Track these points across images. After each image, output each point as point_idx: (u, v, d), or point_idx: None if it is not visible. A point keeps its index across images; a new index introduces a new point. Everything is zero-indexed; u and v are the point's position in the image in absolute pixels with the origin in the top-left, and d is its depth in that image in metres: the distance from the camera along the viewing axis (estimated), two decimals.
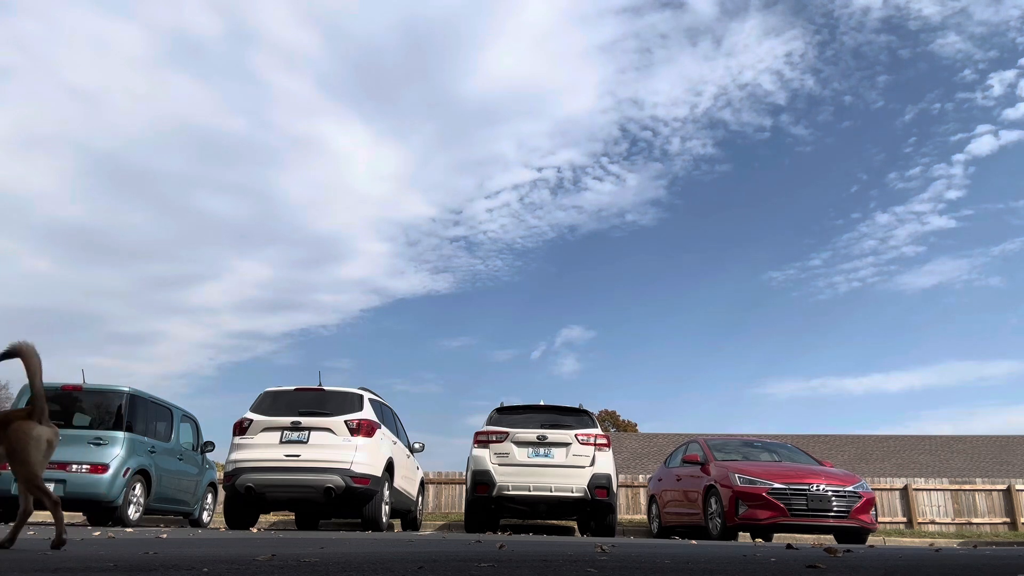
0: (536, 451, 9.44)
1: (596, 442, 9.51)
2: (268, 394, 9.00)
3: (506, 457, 9.42)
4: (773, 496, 8.76)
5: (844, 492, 8.88)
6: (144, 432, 9.45)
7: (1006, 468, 23.97)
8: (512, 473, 9.30)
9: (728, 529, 9.02)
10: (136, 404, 9.36)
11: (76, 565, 2.20)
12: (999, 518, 15.97)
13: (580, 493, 9.22)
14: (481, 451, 9.55)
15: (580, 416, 10.05)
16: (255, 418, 8.63)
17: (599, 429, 9.87)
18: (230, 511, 8.82)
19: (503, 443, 9.51)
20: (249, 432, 8.54)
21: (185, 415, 10.86)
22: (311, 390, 9.00)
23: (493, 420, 9.95)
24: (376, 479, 8.49)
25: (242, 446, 8.46)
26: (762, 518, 8.77)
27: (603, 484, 9.28)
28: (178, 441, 10.46)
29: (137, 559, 2.50)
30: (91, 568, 2.08)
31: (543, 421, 9.78)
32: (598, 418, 11.10)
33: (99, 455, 8.57)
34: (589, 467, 9.33)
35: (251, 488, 8.27)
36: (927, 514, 15.96)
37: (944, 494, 16.19)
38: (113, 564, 2.22)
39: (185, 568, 2.08)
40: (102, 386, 9.21)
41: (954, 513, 16.01)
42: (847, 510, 8.78)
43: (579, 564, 2.53)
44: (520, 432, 9.53)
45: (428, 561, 2.52)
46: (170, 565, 2.20)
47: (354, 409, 8.72)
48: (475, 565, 2.37)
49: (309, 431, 8.41)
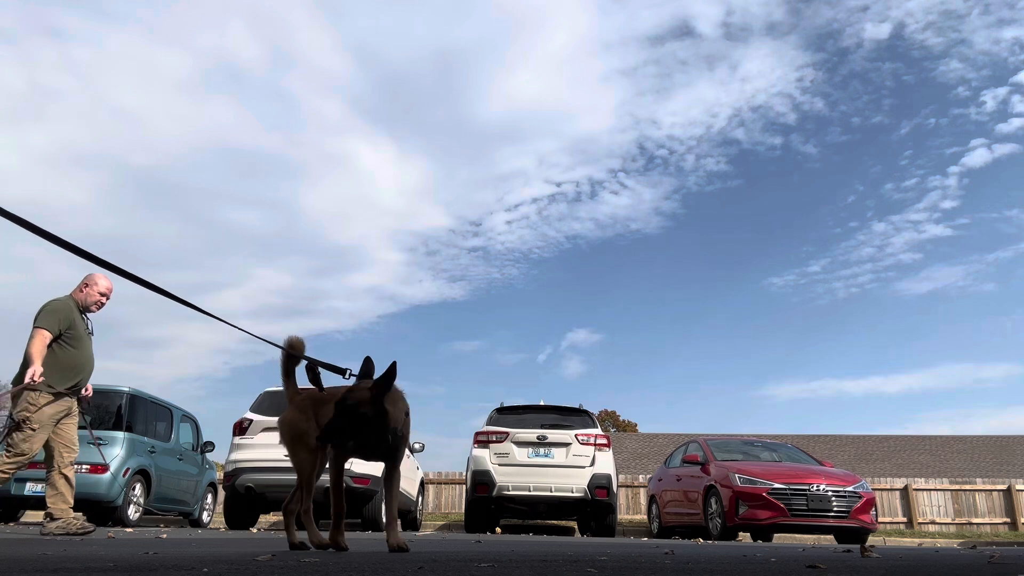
0: (536, 451, 9.44)
1: (596, 442, 9.50)
2: (268, 394, 8.99)
3: (506, 457, 9.41)
4: (773, 496, 8.75)
5: (844, 492, 8.87)
6: (144, 432, 9.44)
7: (1006, 468, 23.96)
8: (512, 473, 9.29)
9: (728, 529, 9.02)
10: (136, 404, 9.35)
11: (76, 565, 2.19)
12: (999, 518, 15.97)
13: (580, 493, 9.22)
14: (481, 451, 9.54)
15: (580, 416, 10.04)
16: (255, 418, 8.62)
17: (599, 429, 9.86)
18: (230, 511, 8.81)
19: (503, 443, 9.50)
20: (249, 432, 8.53)
21: (185, 415, 10.85)
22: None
23: (493, 420, 9.94)
24: (376, 479, 8.47)
25: (242, 446, 8.45)
26: (762, 518, 8.77)
27: (603, 484, 9.28)
28: (178, 441, 10.45)
29: (137, 559, 2.50)
30: (91, 568, 2.08)
31: (543, 421, 9.78)
32: (598, 418, 11.10)
33: (99, 455, 8.57)
34: (589, 467, 9.32)
35: (251, 488, 8.27)
36: (927, 514, 15.96)
37: (944, 494, 16.19)
38: (113, 564, 2.22)
39: (185, 568, 2.08)
40: (102, 386, 9.21)
41: (954, 513, 16.01)
42: (847, 510, 8.78)
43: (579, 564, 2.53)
44: (520, 432, 9.52)
45: (428, 561, 2.52)
46: (170, 565, 2.20)
47: None
48: (475, 565, 2.37)
49: None
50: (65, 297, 5.46)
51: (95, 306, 5.52)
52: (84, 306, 5.49)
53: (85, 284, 5.52)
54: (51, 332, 5.18)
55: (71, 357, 5.29)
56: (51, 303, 5.32)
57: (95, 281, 5.49)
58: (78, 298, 5.49)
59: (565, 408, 10.15)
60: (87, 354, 5.44)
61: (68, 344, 5.29)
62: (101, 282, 5.49)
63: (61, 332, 5.25)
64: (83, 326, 5.44)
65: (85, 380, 5.46)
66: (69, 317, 5.31)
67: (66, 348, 5.28)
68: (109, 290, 5.54)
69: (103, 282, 5.50)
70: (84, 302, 5.48)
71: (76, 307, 5.43)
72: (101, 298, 5.52)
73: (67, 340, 5.28)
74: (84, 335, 5.42)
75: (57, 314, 5.25)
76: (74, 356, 5.31)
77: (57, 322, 5.23)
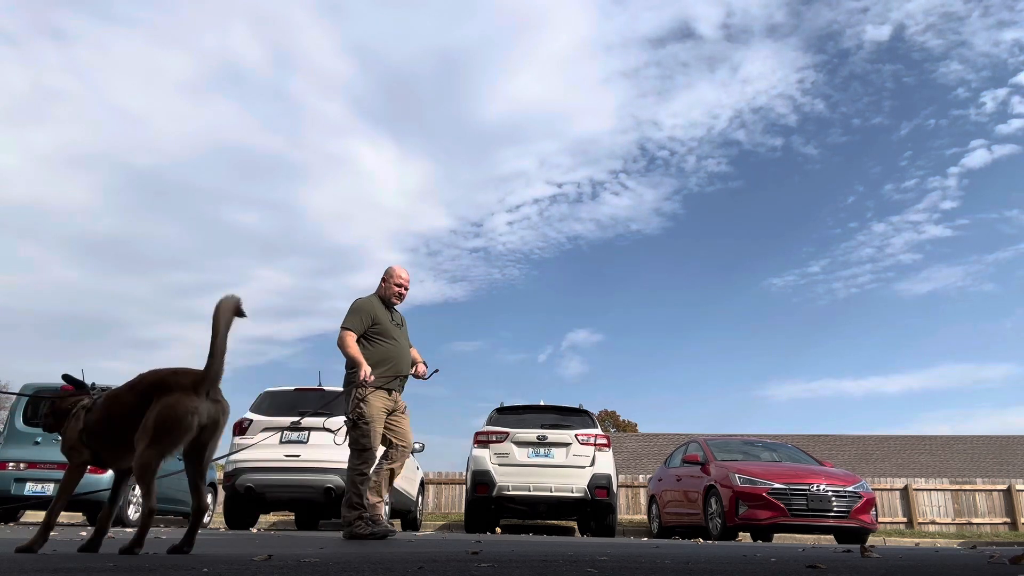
0: (536, 451, 9.43)
1: (596, 442, 9.50)
2: (267, 394, 8.99)
3: (506, 457, 9.41)
4: (773, 496, 8.75)
5: (844, 492, 8.87)
6: None
7: (1006, 468, 23.96)
8: (512, 473, 9.29)
9: (728, 529, 9.02)
10: None
11: (76, 565, 2.19)
12: (999, 518, 15.97)
13: (580, 493, 9.22)
14: (481, 451, 9.54)
15: (580, 416, 10.04)
16: (255, 418, 8.62)
17: (599, 429, 9.86)
18: (230, 511, 8.81)
19: (503, 443, 9.50)
20: (249, 432, 8.53)
21: None
22: (311, 390, 8.99)
23: (493, 420, 9.94)
24: None
25: (242, 446, 8.46)
26: (762, 518, 8.76)
27: (603, 484, 9.28)
28: None
29: (137, 559, 2.50)
30: (91, 568, 2.08)
31: (543, 421, 9.77)
32: (598, 418, 11.10)
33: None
34: (589, 467, 9.32)
35: (251, 488, 8.27)
36: (927, 514, 15.95)
37: (944, 494, 16.19)
38: (113, 564, 2.22)
39: (185, 568, 2.08)
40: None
41: (954, 513, 16.00)
42: (847, 510, 8.78)
43: (579, 564, 2.53)
44: (520, 432, 9.52)
45: (428, 561, 2.52)
46: (170, 565, 2.20)
47: None
48: (475, 565, 2.37)
49: (309, 431, 8.40)
50: (369, 295, 5.62)
51: (395, 297, 5.63)
52: (386, 299, 5.62)
53: (384, 278, 5.67)
54: (355, 331, 5.33)
55: (380, 351, 5.39)
56: (354, 303, 5.49)
57: (391, 274, 5.63)
58: (381, 293, 5.65)
59: (565, 408, 10.15)
60: (396, 345, 5.50)
61: (376, 338, 5.41)
62: (397, 274, 5.63)
63: (366, 329, 5.38)
64: (387, 318, 5.53)
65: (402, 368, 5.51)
66: (371, 313, 5.42)
67: (375, 342, 5.40)
68: (406, 280, 5.66)
69: (399, 273, 5.63)
70: (385, 295, 5.62)
71: (379, 302, 5.57)
72: (399, 289, 5.63)
73: (374, 335, 5.41)
74: (390, 327, 5.51)
75: (359, 312, 5.40)
76: (383, 350, 5.40)
77: (360, 320, 5.37)
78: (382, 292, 5.66)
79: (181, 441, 2.69)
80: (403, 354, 5.55)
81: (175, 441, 2.68)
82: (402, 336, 5.61)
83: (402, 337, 5.61)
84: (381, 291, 5.66)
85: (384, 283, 5.66)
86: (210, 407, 2.75)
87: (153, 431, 2.64)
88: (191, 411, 2.67)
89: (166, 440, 2.65)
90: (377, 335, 5.42)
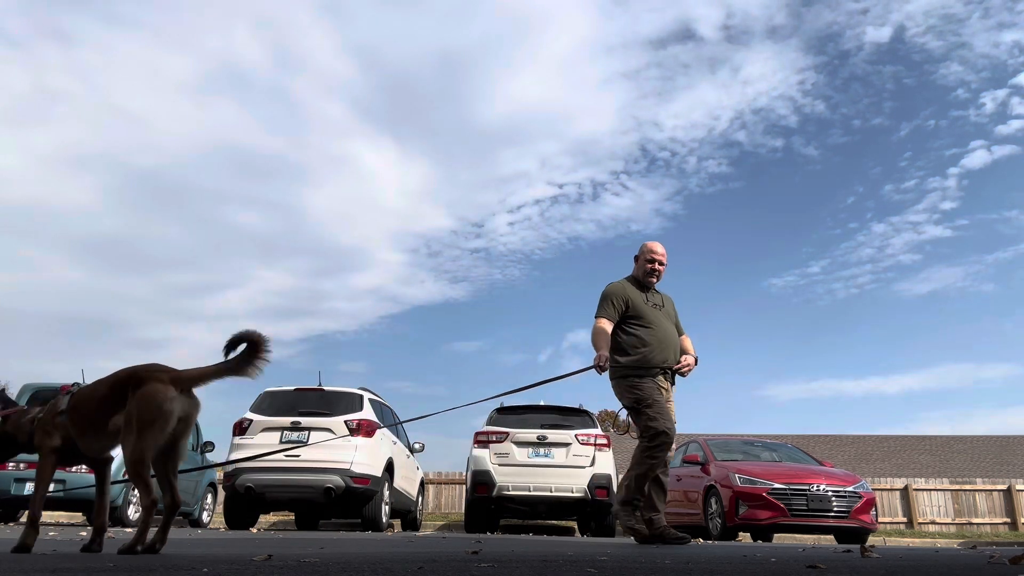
0: (536, 451, 9.43)
1: (596, 442, 9.50)
2: (267, 394, 8.99)
3: (506, 457, 9.41)
4: (773, 496, 8.75)
5: (844, 492, 8.87)
6: None
7: (1006, 468, 23.96)
8: (512, 473, 9.29)
9: (728, 529, 9.02)
10: None
11: (76, 565, 2.19)
12: (999, 518, 15.97)
13: (580, 493, 9.21)
14: (481, 451, 9.54)
15: (580, 416, 10.04)
16: (255, 418, 8.62)
17: (599, 429, 9.86)
18: (230, 511, 8.80)
19: (503, 443, 9.50)
20: (249, 432, 8.53)
21: None
22: (311, 390, 8.98)
23: (493, 420, 9.94)
24: (376, 479, 8.48)
25: (242, 446, 8.45)
26: (762, 518, 8.76)
27: (603, 484, 9.27)
28: None
29: (136, 559, 2.50)
30: (91, 568, 2.08)
31: (543, 421, 9.77)
32: (598, 418, 11.10)
33: None
34: (589, 467, 9.32)
35: (251, 488, 8.26)
36: (927, 514, 15.96)
37: (944, 494, 16.19)
38: (113, 564, 2.22)
39: (185, 568, 2.08)
40: None
41: (954, 513, 16.00)
42: (847, 510, 8.78)
43: (579, 564, 2.52)
44: (520, 432, 9.52)
45: (428, 561, 2.52)
46: (170, 565, 2.20)
47: (354, 409, 8.71)
48: (475, 565, 2.37)
49: (309, 431, 8.40)
50: (622, 279, 5.18)
51: (650, 276, 5.12)
52: (641, 280, 5.16)
53: (637, 256, 5.22)
54: (608, 318, 4.93)
55: (637, 337, 4.94)
56: (604, 289, 5.08)
57: (644, 250, 5.14)
58: (636, 274, 5.20)
59: (565, 408, 10.14)
60: (656, 330, 4.98)
61: (631, 324, 4.97)
62: (651, 248, 5.13)
63: (620, 315, 4.96)
64: (642, 300, 5.04)
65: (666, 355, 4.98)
66: (623, 297, 4.99)
67: (631, 328, 4.97)
68: (660, 255, 5.11)
69: (653, 248, 5.13)
70: (639, 275, 5.17)
71: (633, 284, 5.13)
72: (650, 266, 5.11)
73: (629, 320, 4.98)
74: (647, 309, 5.01)
75: (609, 298, 5.00)
76: (640, 336, 4.94)
77: (611, 306, 4.96)
78: (636, 273, 5.18)
79: (166, 428, 2.75)
80: (666, 339, 4.98)
81: (161, 428, 2.74)
82: (663, 318, 5.05)
83: (664, 319, 5.05)
84: (635, 272, 5.18)
85: (637, 262, 5.19)
86: (184, 401, 2.82)
87: (137, 424, 2.70)
88: (169, 399, 2.74)
89: (151, 430, 2.71)
90: (632, 319, 4.95)
